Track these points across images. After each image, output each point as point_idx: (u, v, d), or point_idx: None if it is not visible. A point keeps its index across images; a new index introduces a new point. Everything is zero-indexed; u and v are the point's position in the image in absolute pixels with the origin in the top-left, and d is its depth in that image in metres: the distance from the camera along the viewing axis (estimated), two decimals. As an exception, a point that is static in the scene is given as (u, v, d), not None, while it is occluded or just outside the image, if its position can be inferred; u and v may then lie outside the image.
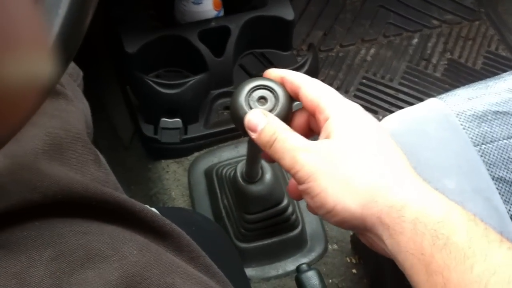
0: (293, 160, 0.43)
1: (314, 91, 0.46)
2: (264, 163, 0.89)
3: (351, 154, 0.42)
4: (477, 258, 0.36)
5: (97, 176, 0.47)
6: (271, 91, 0.48)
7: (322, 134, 0.45)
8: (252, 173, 0.88)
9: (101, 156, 0.51)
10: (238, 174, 0.90)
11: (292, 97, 0.49)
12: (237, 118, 0.48)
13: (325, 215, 0.43)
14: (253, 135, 0.46)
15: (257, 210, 0.93)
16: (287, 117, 0.48)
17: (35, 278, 0.39)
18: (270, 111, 0.47)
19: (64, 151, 0.46)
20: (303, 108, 0.49)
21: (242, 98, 0.48)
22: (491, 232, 0.38)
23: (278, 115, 0.47)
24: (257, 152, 0.71)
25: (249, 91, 0.48)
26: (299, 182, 0.43)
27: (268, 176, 0.89)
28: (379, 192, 0.40)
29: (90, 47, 1.09)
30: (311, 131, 0.49)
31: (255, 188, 0.89)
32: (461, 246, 0.37)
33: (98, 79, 1.21)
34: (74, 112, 0.51)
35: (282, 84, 0.49)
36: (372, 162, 0.42)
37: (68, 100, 0.52)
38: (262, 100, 0.48)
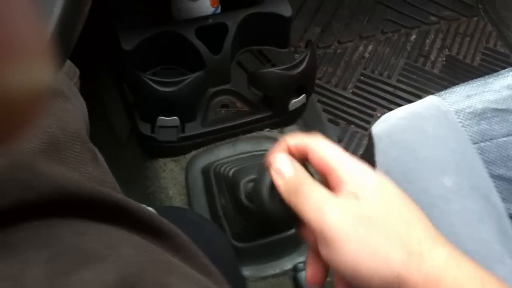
0: (320, 214, 0.40)
1: (322, 153, 0.44)
2: None
3: (379, 220, 0.40)
4: None
5: (94, 175, 0.47)
6: None
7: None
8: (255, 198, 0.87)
9: (99, 155, 0.51)
10: (242, 192, 0.88)
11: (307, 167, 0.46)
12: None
13: (358, 285, 0.40)
14: (278, 179, 0.44)
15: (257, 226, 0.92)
16: None
17: (31, 279, 0.38)
18: None
19: (61, 151, 0.45)
20: None
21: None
22: None
23: None
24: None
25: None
26: (322, 242, 0.40)
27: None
28: (414, 262, 0.39)
29: (86, 45, 1.08)
30: None
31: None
32: None
33: (95, 77, 1.21)
34: (71, 110, 0.50)
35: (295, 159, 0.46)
36: (401, 228, 0.40)
37: (65, 98, 0.52)
38: None
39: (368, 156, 0.73)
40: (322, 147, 0.45)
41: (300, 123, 1.20)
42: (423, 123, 0.70)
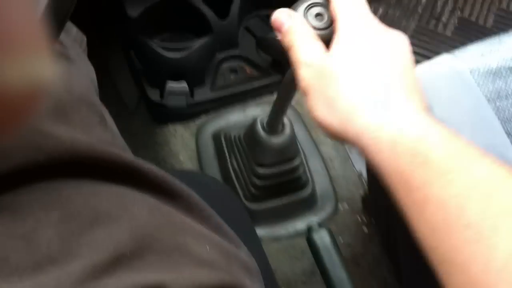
0: (297, 72, 0.45)
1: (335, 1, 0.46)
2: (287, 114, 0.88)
3: (340, 73, 0.43)
4: (458, 172, 0.36)
5: (103, 138, 0.46)
6: (325, 8, 0.48)
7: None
8: (277, 124, 0.86)
9: (108, 119, 0.50)
10: (259, 124, 0.88)
11: None
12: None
13: (318, 126, 0.45)
14: (278, 35, 0.47)
15: (272, 162, 0.92)
16: None
17: (44, 239, 0.38)
18: (326, 28, 0.47)
19: (68, 113, 0.44)
20: None
21: (299, 14, 0.48)
22: (472, 147, 0.38)
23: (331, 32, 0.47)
24: (289, 98, 0.71)
25: (306, 8, 0.48)
26: (302, 92, 0.46)
27: (288, 129, 0.87)
28: (357, 113, 0.41)
29: (91, 13, 1.07)
30: None
31: (276, 140, 0.87)
32: (441, 161, 0.36)
33: (101, 45, 1.19)
34: (77, 74, 0.50)
35: None
36: (358, 82, 0.42)
37: (70, 61, 0.51)
38: (319, 17, 0.48)
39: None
40: None
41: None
42: (437, 82, 0.69)
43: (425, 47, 1.34)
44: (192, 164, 1.04)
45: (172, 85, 1.03)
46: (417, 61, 1.34)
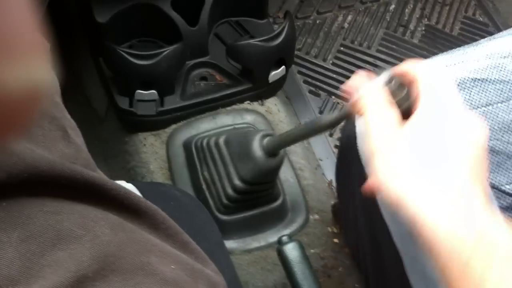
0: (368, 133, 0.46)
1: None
2: None
3: (408, 162, 0.43)
4: None
5: (66, 153, 0.45)
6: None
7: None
8: (280, 149, 0.85)
9: (72, 131, 0.49)
10: (258, 144, 0.84)
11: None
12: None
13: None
14: (349, 100, 0.49)
15: (257, 181, 0.90)
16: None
17: (4, 260, 0.37)
18: (406, 98, 0.48)
19: (29, 128, 0.44)
20: None
21: (381, 79, 0.49)
22: None
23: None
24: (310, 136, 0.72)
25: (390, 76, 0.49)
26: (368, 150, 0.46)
27: (283, 151, 0.86)
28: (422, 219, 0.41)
29: (61, 19, 1.06)
30: None
31: (272, 162, 0.85)
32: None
33: (71, 52, 1.18)
34: None
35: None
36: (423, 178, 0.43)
37: None
38: (401, 87, 0.48)
39: (350, 126, 0.72)
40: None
41: (281, 95, 1.19)
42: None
43: (393, 54, 1.36)
44: (163, 174, 1.03)
45: (141, 92, 1.03)
46: (385, 70, 1.35)
